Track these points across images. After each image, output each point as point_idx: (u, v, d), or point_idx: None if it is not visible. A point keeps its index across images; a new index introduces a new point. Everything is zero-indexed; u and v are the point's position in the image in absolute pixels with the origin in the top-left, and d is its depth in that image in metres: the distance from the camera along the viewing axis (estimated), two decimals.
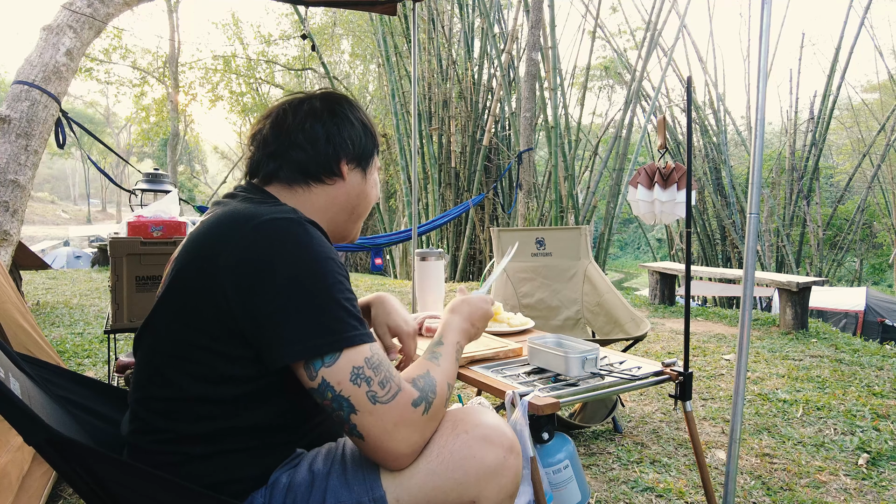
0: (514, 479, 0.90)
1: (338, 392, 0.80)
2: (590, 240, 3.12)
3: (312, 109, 1.04)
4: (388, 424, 0.82)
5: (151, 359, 0.89)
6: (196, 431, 0.86)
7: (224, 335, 0.83)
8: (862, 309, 8.09)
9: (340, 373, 0.80)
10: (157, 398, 0.87)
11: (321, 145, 1.02)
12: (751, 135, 4.07)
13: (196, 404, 0.85)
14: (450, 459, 0.86)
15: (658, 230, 20.13)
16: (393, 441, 0.82)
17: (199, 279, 0.84)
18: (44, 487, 1.51)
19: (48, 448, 0.73)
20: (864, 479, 1.97)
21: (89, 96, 33.31)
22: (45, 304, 5.18)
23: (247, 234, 0.84)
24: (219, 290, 0.82)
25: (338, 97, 1.09)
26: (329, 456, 0.91)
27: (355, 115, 1.08)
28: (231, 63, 14.89)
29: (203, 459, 0.86)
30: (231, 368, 0.84)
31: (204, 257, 0.85)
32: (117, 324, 2.12)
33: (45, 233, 26.05)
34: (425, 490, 0.85)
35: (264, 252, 0.82)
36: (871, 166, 12.35)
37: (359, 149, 1.06)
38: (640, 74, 9.01)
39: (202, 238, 0.88)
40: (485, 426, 0.90)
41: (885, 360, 3.50)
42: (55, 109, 3.50)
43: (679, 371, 1.35)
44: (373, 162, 1.10)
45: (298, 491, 0.86)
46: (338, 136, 1.03)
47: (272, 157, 1.01)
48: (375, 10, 2.80)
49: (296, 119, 1.02)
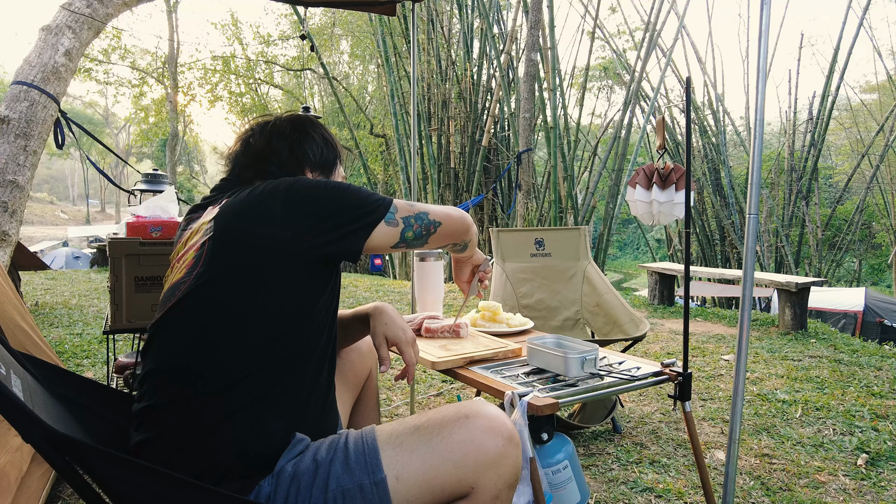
0: (514, 468, 0.94)
1: (416, 214, 1.10)
2: (589, 240, 3.12)
3: (277, 128, 1.19)
4: (439, 207, 1.16)
5: (188, 329, 0.95)
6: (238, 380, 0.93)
7: (288, 265, 0.95)
8: (861, 309, 8.10)
9: (404, 208, 1.08)
10: (200, 369, 0.93)
11: (285, 157, 1.16)
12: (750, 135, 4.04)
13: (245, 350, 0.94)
14: (450, 440, 0.91)
15: (657, 231, 20.14)
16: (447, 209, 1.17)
17: (242, 239, 0.96)
18: (43, 488, 1.51)
19: (46, 446, 0.73)
20: (863, 480, 1.98)
21: (88, 97, 33.31)
22: (44, 305, 5.17)
23: (273, 191, 0.99)
24: (269, 239, 0.95)
25: (301, 117, 1.24)
26: (332, 446, 0.95)
27: (317, 131, 1.22)
28: (230, 63, 14.87)
29: (239, 415, 0.92)
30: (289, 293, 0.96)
31: (244, 221, 0.97)
32: (116, 324, 2.11)
33: (43, 233, 26.03)
34: (425, 468, 0.89)
35: (300, 186, 0.99)
36: (870, 167, 12.36)
37: (320, 159, 1.20)
38: (640, 75, 9.01)
39: (235, 213, 0.99)
40: (486, 416, 0.94)
41: (883, 361, 3.50)
42: (54, 110, 3.50)
43: (678, 371, 1.35)
44: (335, 171, 1.24)
45: (303, 479, 0.90)
46: (299, 148, 1.17)
47: (245, 168, 1.15)
48: (374, 11, 2.80)
49: (262, 137, 1.18)
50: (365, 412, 1.48)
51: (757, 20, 1.28)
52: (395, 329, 1.25)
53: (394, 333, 1.24)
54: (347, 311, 1.37)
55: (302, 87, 18.20)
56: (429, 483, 0.89)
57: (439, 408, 0.98)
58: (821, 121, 10.66)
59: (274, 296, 0.95)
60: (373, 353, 1.46)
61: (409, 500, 0.89)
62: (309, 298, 0.99)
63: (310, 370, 1.01)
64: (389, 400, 2.79)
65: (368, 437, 0.95)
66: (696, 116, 10.80)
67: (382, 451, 0.91)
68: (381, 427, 0.98)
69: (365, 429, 0.98)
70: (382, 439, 0.93)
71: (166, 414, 0.93)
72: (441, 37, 9.10)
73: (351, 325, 1.35)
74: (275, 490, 0.90)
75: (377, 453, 0.91)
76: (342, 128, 14.33)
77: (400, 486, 0.88)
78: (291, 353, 0.97)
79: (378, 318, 1.27)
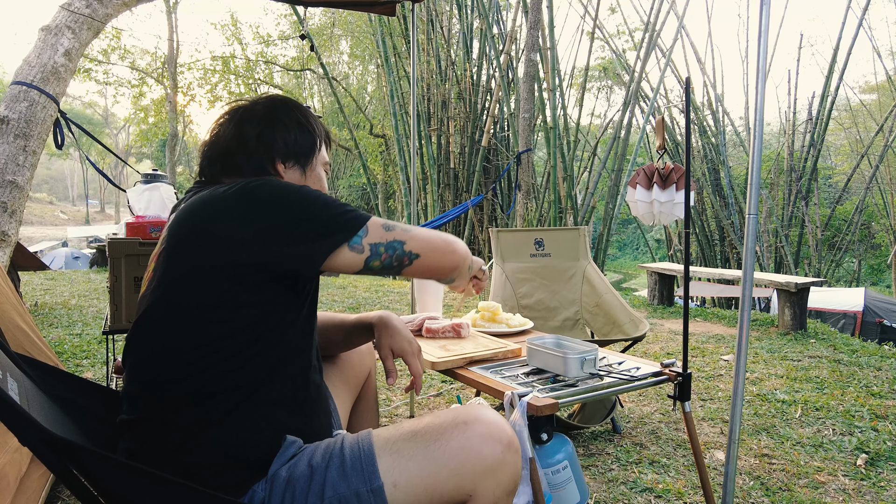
0: (513, 475, 0.92)
1: (388, 241, 0.96)
2: (588, 240, 3.12)
3: (248, 114, 1.09)
4: (424, 235, 1.01)
5: (154, 341, 0.92)
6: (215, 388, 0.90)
7: (240, 276, 0.89)
8: (860, 309, 8.10)
9: (376, 231, 0.95)
10: (171, 379, 0.90)
11: (252, 146, 1.06)
12: (749, 136, 4.06)
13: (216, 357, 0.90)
14: (448, 447, 0.89)
15: (657, 231, 20.13)
16: (433, 239, 1.01)
17: (200, 241, 0.90)
18: (42, 489, 1.51)
19: (42, 448, 0.73)
20: (862, 480, 1.98)
21: (88, 97, 33.29)
22: (44, 305, 5.17)
23: (234, 191, 0.92)
24: (233, 241, 0.88)
25: (277, 100, 1.13)
26: (328, 451, 0.93)
27: (291, 116, 1.11)
28: (230, 64, 14.86)
29: (219, 424, 0.89)
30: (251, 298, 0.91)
31: (201, 221, 0.91)
32: (116, 325, 2.11)
33: (43, 234, 26.01)
34: (422, 475, 0.88)
35: (262, 193, 0.91)
36: (870, 167, 12.35)
37: (293, 147, 1.09)
38: (639, 75, 9.01)
39: (190, 212, 0.93)
40: (484, 422, 0.92)
41: (883, 361, 3.50)
42: (53, 110, 3.49)
43: (678, 372, 1.35)
44: (313, 159, 1.12)
45: (298, 484, 0.88)
46: (269, 136, 1.07)
47: (213, 162, 1.08)
48: (374, 11, 2.80)
49: (231, 125, 1.08)
50: (364, 413, 1.48)
51: (756, 20, 1.28)
52: (401, 341, 1.23)
53: (400, 346, 1.22)
54: (350, 317, 1.34)
55: (302, 87, 18.18)
56: (426, 490, 0.87)
57: (437, 412, 0.97)
58: (820, 121, 10.66)
59: (238, 302, 0.90)
60: (372, 353, 1.46)
61: None
62: (277, 306, 0.94)
63: (290, 373, 0.97)
64: (389, 400, 2.79)
65: (365, 442, 0.92)
66: (695, 117, 10.80)
67: (379, 457, 0.89)
68: (378, 432, 0.96)
69: (361, 433, 0.96)
70: (379, 445, 0.91)
71: (144, 428, 0.91)
72: (441, 37, 9.10)
73: (353, 332, 1.33)
74: (269, 495, 0.88)
75: (374, 460, 0.89)
76: (342, 128, 14.32)
77: (397, 494, 0.87)
78: (267, 357, 0.93)
79: (384, 331, 1.25)
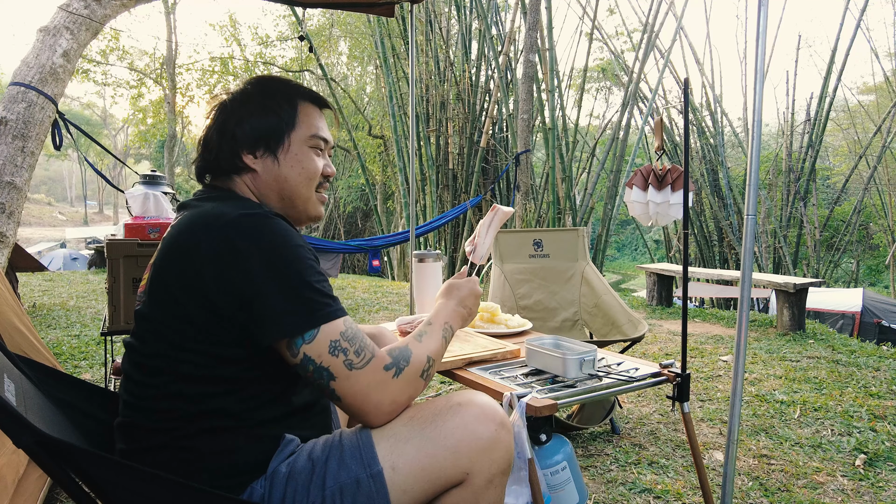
0: (507, 453, 0.94)
1: (318, 364, 0.87)
2: (587, 241, 3.12)
3: (224, 102, 1.04)
4: (363, 386, 0.89)
5: (143, 358, 0.92)
6: (192, 412, 0.89)
7: (210, 322, 0.88)
8: (858, 310, 8.11)
9: (320, 346, 0.87)
10: (162, 395, 0.90)
11: (215, 140, 1.01)
12: (748, 136, 4.09)
13: (191, 388, 0.89)
14: (444, 427, 0.91)
15: (655, 232, 20.16)
16: (367, 400, 0.90)
17: (181, 275, 0.89)
18: (40, 490, 1.50)
19: (38, 450, 0.73)
20: (861, 480, 1.98)
21: (86, 98, 33.10)
22: (42, 307, 5.16)
23: (220, 228, 0.89)
24: (201, 282, 0.87)
25: (247, 84, 1.05)
26: (327, 444, 0.94)
27: (253, 99, 1.02)
28: (228, 65, 14.86)
29: (212, 432, 0.90)
30: (222, 351, 0.89)
31: (183, 254, 0.89)
32: (114, 326, 2.11)
33: (41, 235, 25.96)
34: (420, 456, 0.89)
35: (239, 244, 0.87)
36: (868, 168, 12.38)
37: (255, 133, 1.00)
38: (638, 76, 9.02)
39: (178, 238, 0.92)
40: (478, 403, 0.95)
41: (881, 361, 3.51)
42: (52, 111, 3.49)
43: (676, 372, 1.35)
44: (286, 140, 1.02)
45: (299, 479, 0.89)
46: (229, 127, 1.00)
47: (198, 159, 1.05)
48: (373, 12, 2.79)
49: (212, 117, 1.04)
50: None
51: (755, 21, 1.28)
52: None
53: None
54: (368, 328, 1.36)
55: None
56: (425, 471, 0.89)
57: (431, 400, 0.99)
58: (818, 122, 10.67)
59: (210, 341, 0.89)
60: None
61: (406, 490, 0.89)
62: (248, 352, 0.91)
63: (277, 390, 0.96)
64: None
65: (363, 431, 0.94)
66: (694, 117, 10.81)
67: (377, 443, 0.91)
68: None
69: (359, 425, 0.97)
70: (376, 432, 0.93)
71: (140, 430, 0.92)
72: (439, 38, 9.11)
73: None
74: (269, 491, 0.89)
75: (372, 446, 0.90)
76: (341, 129, 14.33)
77: (396, 477, 0.88)
78: (251, 382, 0.92)
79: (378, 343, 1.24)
